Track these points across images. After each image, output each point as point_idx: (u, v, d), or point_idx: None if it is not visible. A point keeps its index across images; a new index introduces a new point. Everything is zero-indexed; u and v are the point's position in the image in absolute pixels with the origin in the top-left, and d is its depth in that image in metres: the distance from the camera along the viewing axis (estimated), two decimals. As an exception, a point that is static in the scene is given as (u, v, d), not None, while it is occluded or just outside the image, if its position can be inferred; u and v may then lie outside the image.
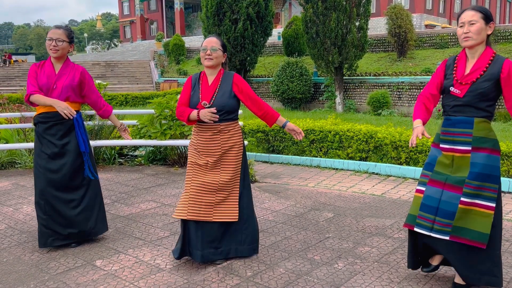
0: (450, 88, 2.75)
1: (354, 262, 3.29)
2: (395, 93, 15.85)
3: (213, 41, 3.19)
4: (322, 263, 3.27)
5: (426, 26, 30.16)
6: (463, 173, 2.69)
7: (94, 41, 74.91)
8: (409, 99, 15.58)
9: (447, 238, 2.69)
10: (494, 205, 2.65)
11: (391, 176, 6.40)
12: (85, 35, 76.29)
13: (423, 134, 2.75)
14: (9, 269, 3.24)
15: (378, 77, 16.40)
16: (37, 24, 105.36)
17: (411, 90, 15.52)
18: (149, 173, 6.44)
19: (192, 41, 35.14)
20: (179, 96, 7.08)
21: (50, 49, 3.47)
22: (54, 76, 3.51)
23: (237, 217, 3.20)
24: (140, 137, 6.76)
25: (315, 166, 7.12)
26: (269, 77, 19.73)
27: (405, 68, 17.24)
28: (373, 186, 5.90)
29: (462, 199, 2.67)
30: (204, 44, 3.19)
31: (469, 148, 2.68)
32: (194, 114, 3.17)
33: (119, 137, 7.67)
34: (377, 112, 14.78)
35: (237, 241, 3.26)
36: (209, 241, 3.15)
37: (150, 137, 6.64)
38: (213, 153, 3.18)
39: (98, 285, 2.97)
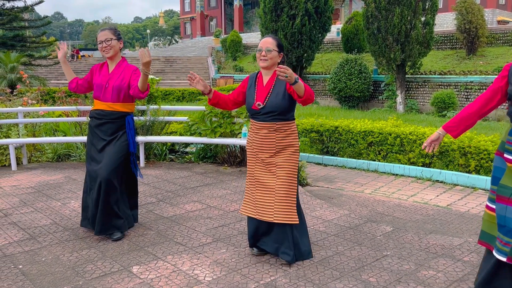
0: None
1: (416, 288, 2.86)
2: (463, 93, 14.74)
3: (268, 42, 3.13)
4: (379, 287, 2.87)
5: (499, 22, 27.97)
6: None
7: (156, 37, 77.37)
8: (478, 100, 14.42)
9: (504, 259, 2.35)
10: None
11: (458, 185, 5.79)
12: (148, 31, 78.97)
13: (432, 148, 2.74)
14: (46, 270, 3.13)
15: (444, 76, 15.35)
16: (105, 21, 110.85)
17: (481, 90, 14.36)
18: (198, 171, 6.27)
19: (249, 37, 35.09)
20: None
21: (103, 51, 3.63)
22: (107, 76, 3.70)
23: (297, 220, 3.13)
24: (191, 134, 6.62)
25: (372, 171, 6.63)
26: (326, 74, 19.15)
27: (475, 67, 16.00)
28: (437, 196, 5.34)
29: None
30: (260, 45, 3.15)
31: None
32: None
33: (170, 133, 7.60)
34: (441, 114, 13.82)
35: (285, 242, 3.19)
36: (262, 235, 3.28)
37: (200, 134, 6.49)
38: (267, 151, 3.16)
39: (132, 295, 2.78)
